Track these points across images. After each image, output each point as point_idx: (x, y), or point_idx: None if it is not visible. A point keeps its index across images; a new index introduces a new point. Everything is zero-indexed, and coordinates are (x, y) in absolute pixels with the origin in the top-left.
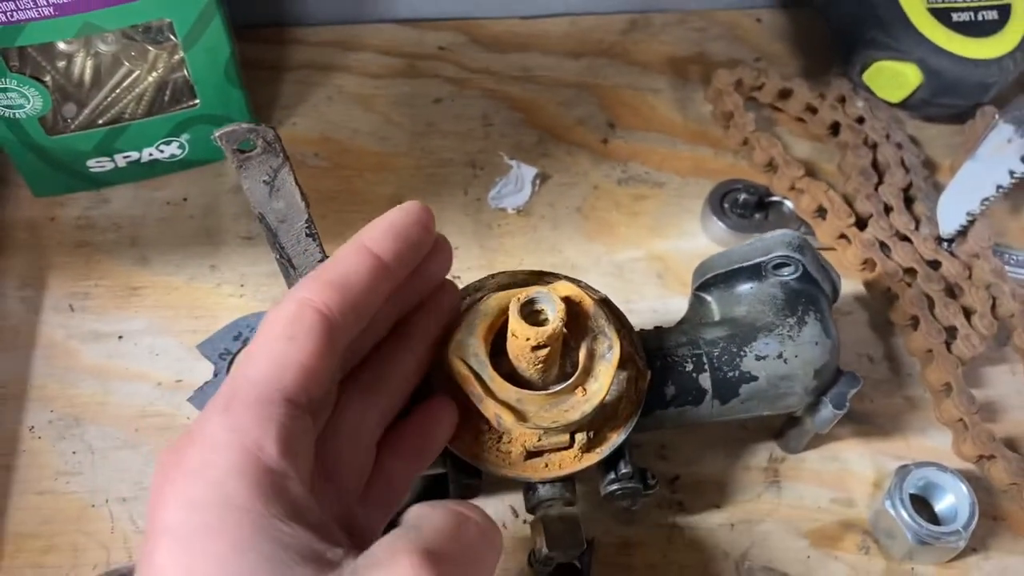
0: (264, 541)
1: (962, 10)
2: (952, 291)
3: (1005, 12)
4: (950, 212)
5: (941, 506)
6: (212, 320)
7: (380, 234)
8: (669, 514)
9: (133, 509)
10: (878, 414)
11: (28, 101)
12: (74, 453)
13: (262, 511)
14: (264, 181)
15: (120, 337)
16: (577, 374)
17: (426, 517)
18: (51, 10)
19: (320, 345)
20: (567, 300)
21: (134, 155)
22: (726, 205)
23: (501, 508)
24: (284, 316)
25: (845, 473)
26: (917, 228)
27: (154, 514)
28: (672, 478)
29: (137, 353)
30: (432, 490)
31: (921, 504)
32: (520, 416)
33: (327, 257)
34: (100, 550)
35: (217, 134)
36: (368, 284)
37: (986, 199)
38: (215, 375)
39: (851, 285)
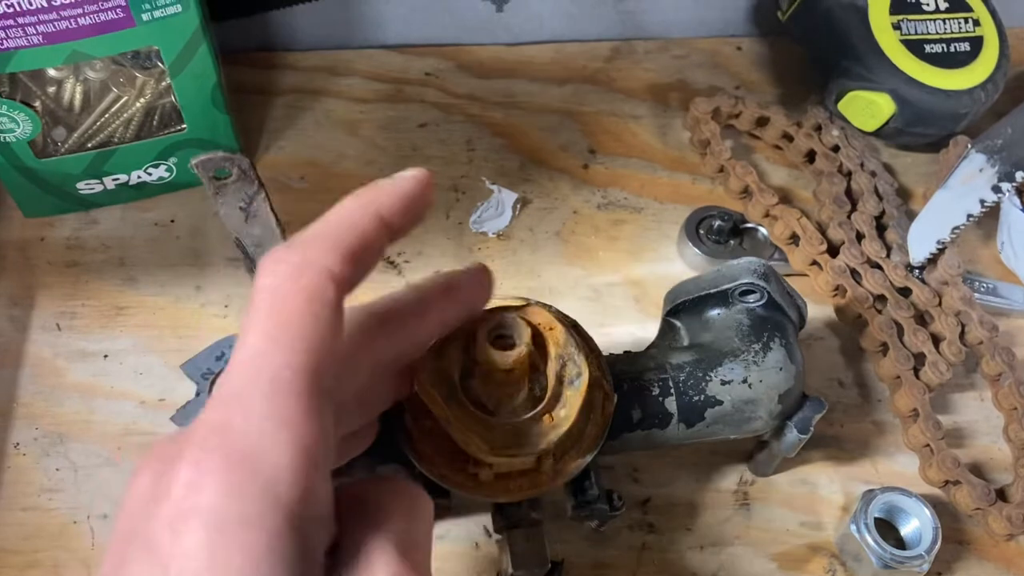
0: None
1: (935, 42)
2: (922, 318)
3: (977, 44)
4: (921, 240)
5: (906, 530)
6: (196, 340)
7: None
8: (640, 536)
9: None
10: (848, 438)
11: (18, 125)
12: (57, 470)
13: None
14: (240, 208)
15: (106, 356)
16: (546, 401)
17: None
18: (40, 39)
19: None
20: (535, 326)
21: (123, 178)
22: (701, 231)
23: (474, 528)
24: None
25: (814, 497)
26: (888, 255)
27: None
28: (644, 500)
29: (122, 372)
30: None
31: (887, 528)
32: (488, 441)
33: None
34: (80, 567)
35: (194, 162)
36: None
37: (957, 227)
38: (197, 394)
39: (823, 311)
